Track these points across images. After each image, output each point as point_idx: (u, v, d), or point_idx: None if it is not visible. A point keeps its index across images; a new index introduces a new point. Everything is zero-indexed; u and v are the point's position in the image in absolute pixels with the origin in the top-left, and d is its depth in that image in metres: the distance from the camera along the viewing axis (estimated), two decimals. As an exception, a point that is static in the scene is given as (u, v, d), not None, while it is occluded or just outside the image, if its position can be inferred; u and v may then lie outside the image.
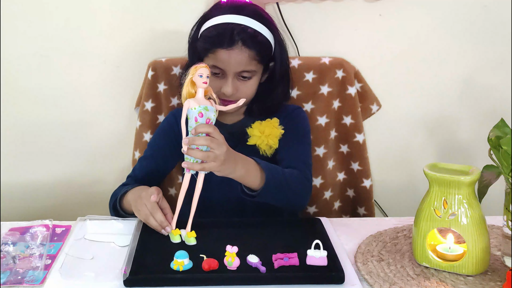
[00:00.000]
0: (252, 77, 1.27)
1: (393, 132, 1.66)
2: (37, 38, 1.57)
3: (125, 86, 1.61)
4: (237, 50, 1.22)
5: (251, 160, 1.15)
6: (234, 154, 1.11)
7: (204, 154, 1.03)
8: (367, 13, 1.56)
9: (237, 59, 1.22)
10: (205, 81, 1.03)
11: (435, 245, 1.01)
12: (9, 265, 1.02)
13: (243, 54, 1.23)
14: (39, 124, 1.63)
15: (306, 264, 0.98)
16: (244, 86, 1.27)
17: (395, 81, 1.62)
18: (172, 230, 1.10)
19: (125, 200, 1.21)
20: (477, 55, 1.60)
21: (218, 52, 1.23)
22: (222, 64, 1.23)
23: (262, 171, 1.14)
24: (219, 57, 1.23)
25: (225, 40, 1.22)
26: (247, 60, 1.23)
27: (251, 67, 1.25)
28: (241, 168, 1.11)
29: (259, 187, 1.14)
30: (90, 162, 1.67)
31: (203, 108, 1.03)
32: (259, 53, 1.24)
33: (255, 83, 1.29)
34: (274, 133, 1.30)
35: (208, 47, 1.24)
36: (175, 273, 0.96)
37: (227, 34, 1.22)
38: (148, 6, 1.55)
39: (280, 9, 1.53)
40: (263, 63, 1.28)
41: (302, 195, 1.26)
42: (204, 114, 1.03)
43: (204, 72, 1.03)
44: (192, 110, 1.03)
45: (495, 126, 1.00)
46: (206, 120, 1.03)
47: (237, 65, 1.23)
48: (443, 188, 0.97)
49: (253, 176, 1.14)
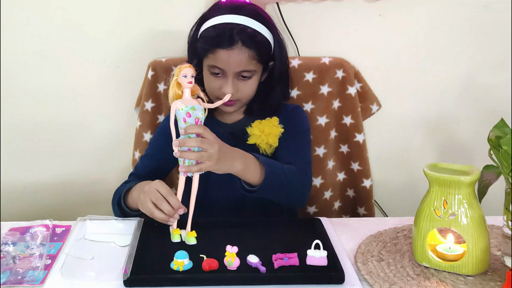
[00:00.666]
0: (252, 76, 1.27)
1: (393, 132, 1.66)
2: (37, 37, 1.57)
3: (125, 86, 1.61)
4: (236, 50, 1.22)
5: (250, 155, 1.15)
6: (230, 150, 1.11)
7: (197, 155, 1.04)
8: (367, 13, 1.56)
9: (237, 59, 1.23)
10: (190, 81, 1.03)
11: (435, 245, 1.01)
12: (9, 265, 1.02)
13: (243, 54, 1.23)
14: (39, 124, 1.63)
15: (306, 264, 0.98)
16: (244, 86, 1.27)
17: (395, 81, 1.62)
18: (173, 230, 1.10)
19: (130, 196, 1.21)
20: (477, 55, 1.60)
21: (218, 52, 1.23)
22: (222, 64, 1.23)
23: (261, 166, 1.14)
24: (219, 57, 1.23)
25: (224, 40, 1.22)
26: (247, 60, 1.23)
27: (251, 67, 1.25)
28: (239, 163, 1.11)
29: (259, 182, 1.14)
30: (90, 162, 1.67)
31: (190, 108, 1.03)
32: (258, 53, 1.25)
33: (255, 83, 1.29)
34: (274, 132, 1.30)
35: (208, 48, 1.24)
36: (175, 273, 0.96)
37: (227, 34, 1.22)
38: (148, 6, 1.55)
39: (280, 9, 1.53)
40: (263, 62, 1.28)
41: (302, 191, 1.25)
42: (192, 114, 1.03)
43: (188, 72, 1.03)
44: (180, 111, 1.03)
45: (495, 126, 1.00)
46: (195, 120, 1.03)
47: (237, 65, 1.23)
48: (443, 188, 0.97)
49: (253, 171, 1.14)
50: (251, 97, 1.31)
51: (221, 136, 1.33)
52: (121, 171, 1.66)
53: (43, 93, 1.61)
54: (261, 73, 1.31)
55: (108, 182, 1.67)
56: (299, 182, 1.23)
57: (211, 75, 1.27)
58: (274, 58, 1.31)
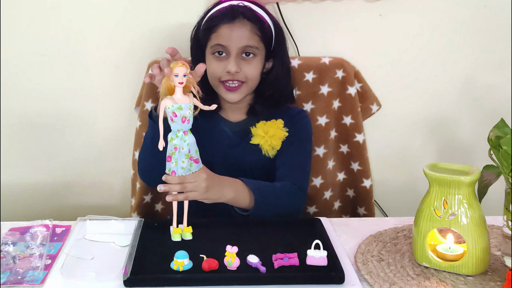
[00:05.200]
0: (255, 56, 1.28)
1: (393, 132, 1.66)
2: (37, 38, 1.57)
3: (125, 86, 1.61)
4: (238, 23, 1.25)
5: (239, 181, 1.18)
6: (219, 178, 1.14)
7: (180, 187, 1.06)
8: (367, 13, 1.56)
9: (239, 32, 1.24)
10: (181, 81, 1.03)
11: (435, 245, 1.01)
12: (9, 265, 1.02)
13: (245, 27, 1.25)
14: (39, 124, 1.63)
15: (306, 264, 0.98)
16: (247, 66, 1.27)
17: (395, 81, 1.62)
18: (173, 229, 1.10)
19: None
20: (477, 55, 1.61)
21: (220, 28, 1.25)
22: (225, 40, 1.25)
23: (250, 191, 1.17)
24: (221, 34, 1.25)
25: (227, 15, 1.25)
26: (249, 34, 1.25)
27: (253, 43, 1.26)
28: (229, 191, 1.14)
29: (250, 205, 1.18)
30: (90, 162, 1.67)
31: (176, 108, 1.03)
32: (260, 28, 1.27)
33: (258, 65, 1.29)
34: (278, 134, 1.30)
35: (211, 26, 1.26)
36: (175, 273, 0.96)
37: (229, 10, 1.26)
38: (148, 6, 1.55)
39: (280, 9, 1.53)
40: (265, 42, 1.29)
41: (295, 207, 1.28)
42: (178, 114, 1.03)
43: (180, 71, 1.02)
44: (167, 110, 1.03)
45: (495, 126, 1.00)
46: (182, 119, 1.03)
47: (239, 39, 1.25)
48: (443, 188, 0.97)
49: (243, 197, 1.17)
50: (255, 81, 1.31)
51: (225, 134, 1.34)
52: (121, 171, 1.66)
53: (43, 93, 1.61)
54: (264, 59, 1.31)
55: (108, 182, 1.68)
56: (292, 199, 1.25)
57: (214, 58, 1.27)
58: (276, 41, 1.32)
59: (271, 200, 1.20)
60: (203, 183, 1.08)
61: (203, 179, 1.08)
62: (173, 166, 1.05)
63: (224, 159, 1.30)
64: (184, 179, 1.06)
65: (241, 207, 1.19)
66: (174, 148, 1.04)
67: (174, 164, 1.05)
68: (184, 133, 1.04)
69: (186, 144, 1.04)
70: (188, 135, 1.05)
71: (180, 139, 1.04)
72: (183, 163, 1.05)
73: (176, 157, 1.05)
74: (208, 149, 1.15)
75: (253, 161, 1.32)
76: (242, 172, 1.26)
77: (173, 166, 1.05)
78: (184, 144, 1.04)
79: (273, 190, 1.22)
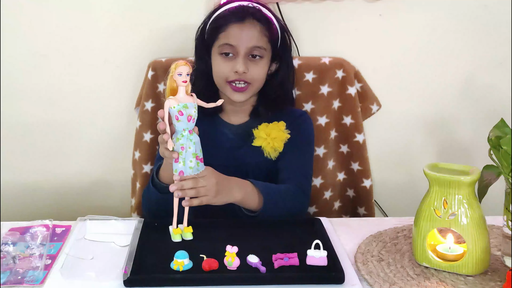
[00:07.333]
0: (263, 57, 1.28)
1: (393, 132, 1.66)
2: (37, 38, 1.57)
3: (125, 86, 1.61)
4: (248, 23, 1.25)
5: (248, 182, 1.18)
6: (228, 180, 1.14)
7: (195, 191, 1.06)
8: (367, 13, 1.56)
9: (249, 33, 1.25)
10: (184, 80, 1.03)
11: (435, 245, 1.01)
12: (9, 265, 1.02)
13: (255, 28, 1.25)
14: (39, 124, 1.63)
15: (306, 264, 0.98)
16: (254, 67, 1.27)
17: (395, 81, 1.62)
18: (173, 229, 1.10)
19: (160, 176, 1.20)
20: (477, 55, 1.61)
21: (230, 28, 1.25)
22: (234, 40, 1.25)
23: (259, 193, 1.18)
24: (231, 33, 1.25)
25: (237, 15, 1.25)
26: (258, 35, 1.26)
27: (262, 44, 1.27)
28: (238, 192, 1.15)
29: (258, 207, 1.18)
30: (90, 162, 1.67)
31: (182, 106, 1.03)
32: (269, 29, 1.27)
33: (265, 66, 1.30)
34: (280, 137, 1.30)
35: (220, 25, 1.26)
36: (175, 273, 0.96)
37: (239, 9, 1.26)
38: (149, 6, 1.55)
39: (280, 9, 1.53)
40: (272, 43, 1.30)
41: (299, 209, 1.29)
42: (184, 112, 1.03)
43: (184, 70, 1.02)
44: (172, 109, 1.03)
45: (495, 126, 1.00)
46: (188, 118, 1.03)
47: (249, 40, 1.25)
48: (443, 188, 0.97)
49: (252, 198, 1.18)
50: (260, 83, 1.31)
51: (226, 136, 1.34)
52: (121, 171, 1.66)
53: (43, 93, 1.61)
54: (269, 60, 1.31)
55: (108, 182, 1.67)
56: (296, 202, 1.26)
57: (221, 58, 1.27)
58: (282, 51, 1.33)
59: (279, 202, 1.21)
60: (214, 187, 1.08)
61: (213, 184, 1.08)
62: (180, 166, 1.05)
63: (225, 161, 1.30)
64: (197, 183, 1.06)
65: (249, 208, 1.19)
66: (181, 148, 1.04)
67: (182, 164, 1.05)
68: (189, 132, 1.04)
69: (192, 143, 1.04)
70: (193, 134, 1.05)
71: (186, 139, 1.04)
72: (191, 163, 1.05)
73: (183, 157, 1.04)
74: (209, 152, 1.15)
75: (254, 163, 1.32)
76: (243, 174, 1.27)
77: (181, 166, 1.05)
78: (191, 143, 1.04)
79: (279, 192, 1.23)
